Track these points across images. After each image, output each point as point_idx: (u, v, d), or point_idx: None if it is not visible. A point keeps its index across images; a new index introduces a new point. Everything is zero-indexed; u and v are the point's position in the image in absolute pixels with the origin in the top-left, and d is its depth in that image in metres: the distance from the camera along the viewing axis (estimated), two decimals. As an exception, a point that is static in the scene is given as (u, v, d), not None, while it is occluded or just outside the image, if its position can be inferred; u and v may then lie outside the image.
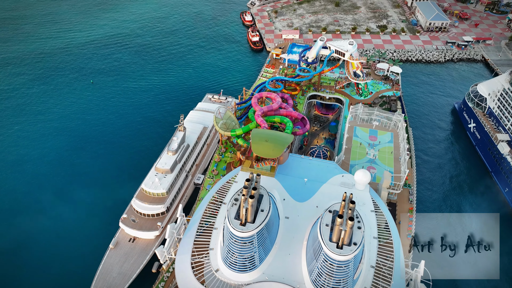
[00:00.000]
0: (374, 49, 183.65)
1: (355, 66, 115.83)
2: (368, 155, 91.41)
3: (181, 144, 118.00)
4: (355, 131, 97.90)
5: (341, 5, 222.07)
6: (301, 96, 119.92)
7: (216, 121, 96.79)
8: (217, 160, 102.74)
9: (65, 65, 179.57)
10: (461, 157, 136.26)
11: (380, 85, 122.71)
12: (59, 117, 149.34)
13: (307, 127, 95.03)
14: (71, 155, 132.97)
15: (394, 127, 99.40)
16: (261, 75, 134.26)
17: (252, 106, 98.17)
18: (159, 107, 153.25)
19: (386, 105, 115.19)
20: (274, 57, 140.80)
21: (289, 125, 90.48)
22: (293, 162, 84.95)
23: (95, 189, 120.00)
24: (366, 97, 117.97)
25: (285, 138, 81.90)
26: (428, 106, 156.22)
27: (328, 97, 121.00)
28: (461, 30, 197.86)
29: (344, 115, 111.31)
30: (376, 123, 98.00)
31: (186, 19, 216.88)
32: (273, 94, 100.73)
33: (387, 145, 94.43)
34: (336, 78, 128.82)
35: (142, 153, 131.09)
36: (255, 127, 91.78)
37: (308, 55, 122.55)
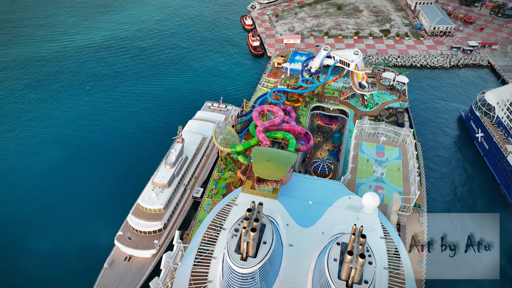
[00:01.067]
0: (377, 54, 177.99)
1: (361, 77, 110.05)
2: (375, 173, 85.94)
3: (179, 157, 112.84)
4: (361, 146, 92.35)
5: (343, 8, 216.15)
6: (304, 108, 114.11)
7: (215, 136, 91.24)
8: (216, 178, 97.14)
9: (61, 70, 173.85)
10: (468, 167, 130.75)
11: (386, 96, 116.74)
12: (54, 125, 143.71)
13: (311, 143, 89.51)
14: (65, 166, 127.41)
15: (402, 142, 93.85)
16: (262, 84, 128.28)
17: (253, 120, 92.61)
18: (157, 116, 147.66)
19: (392, 117, 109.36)
20: (275, 65, 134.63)
21: (292, 142, 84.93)
22: (297, 182, 79.46)
23: (89, 203, 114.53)
24: (371, 109, 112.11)
25: (288, 157, 76.33)
26: (433, 113, 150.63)
27: (332, 109, 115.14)
28: (466, 35, 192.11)
29: (349, 128, 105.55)
30: (383, 138, 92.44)
31: (185, 22, 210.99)
32: (275, 107, 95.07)
33: (395, 161, 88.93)
34: (340, 88, 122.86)
35: (139, 165, 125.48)
36: (256, 143, 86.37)
37: (311, 65, 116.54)
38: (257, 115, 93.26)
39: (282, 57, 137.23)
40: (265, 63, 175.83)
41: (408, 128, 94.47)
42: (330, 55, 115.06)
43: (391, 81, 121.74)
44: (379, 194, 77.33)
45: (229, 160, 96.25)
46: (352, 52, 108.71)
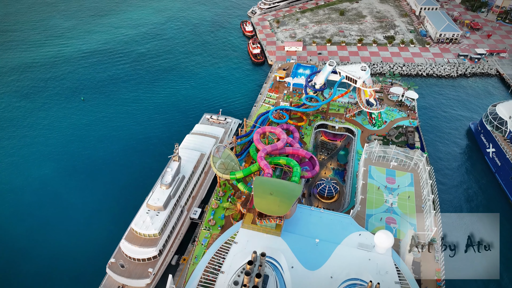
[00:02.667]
0: (381, 62, 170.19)
1: (368, 94, 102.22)
2: (386, 202, 78.45)
3: (176, 176, 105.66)
4: (370, 171, 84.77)
5: (346, 14, 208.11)
6: (307, 127, 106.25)
7: (213, 160, 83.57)
8: (214, 207, 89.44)
9: (55, 78, 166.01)
10: (478, 184, 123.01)
11: (394, 113, 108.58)
12: (46, 139, 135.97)
13: (316, 169, 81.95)
14: (56, 184, 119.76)
15: (414, 166, 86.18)
16: (263, 100, 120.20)
17: (255, 143, 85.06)
18: (154, 128, 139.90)
19: (402, 137, 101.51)
20: (277, 79, 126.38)
21: (297, 170, 77.23)
22: (302, 216, 71.92)
23: (80, 226, 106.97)
24: (379, 128, 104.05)
25: (293, 190, 68.71)
26: (441, 124, 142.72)
27: (338, 127, 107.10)
28: (473, 42, 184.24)
29: (356, 150, 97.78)
30: (394, 163, 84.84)
31: (184, 28, 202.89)
32: (277, 129, 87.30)
33: (407, 189, 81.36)
34: (345, 104, 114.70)
35: (134, 183, 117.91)
36: (257, 170, 78.88)
37: (315, 81, 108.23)
38: (259, 137, 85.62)
39: (284, 70, 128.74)
40: (266, 71, 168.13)
41: (420, 152, 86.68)
42: (335, 70, 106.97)
43: (399, 97, 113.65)
44: (391, 229, 70.01)
45: (228, 186, 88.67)
46: (359, 68, 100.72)
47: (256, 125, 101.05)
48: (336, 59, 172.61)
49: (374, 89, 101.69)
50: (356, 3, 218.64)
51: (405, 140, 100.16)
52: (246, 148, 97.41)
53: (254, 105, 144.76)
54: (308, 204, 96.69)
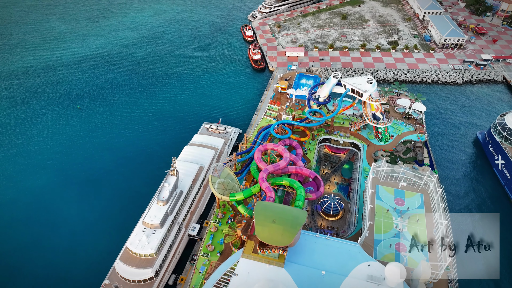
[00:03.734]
0: (385, 68, 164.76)
1: (375, 108, 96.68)
2: (395, 227, 73.13)
3: (173, 192, 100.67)
4: (377, 191, 79.39)
5: (348, 18, 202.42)
6: (311, 141, 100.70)
7: (212, 180, 78.12)
8: (213, 230, 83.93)
9: (51, 84, 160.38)
10: (486, 197, 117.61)
11: (401, 126, 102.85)
12: (40, 150, 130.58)
13: (321, 190, 76.56)
14: (49, 198, 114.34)
15: (424, 186, 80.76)
16: (264, 113, 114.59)
17: (256, 162, 79.72)
18: (151, 139, 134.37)
19: (410, 153, 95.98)
20: (279, 90, 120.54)
21: (301, 193, 71.77)
22: (306, 243, 66.54)
23: (73, 243, 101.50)
24: (386, 142, 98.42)
25: (297, 217, 63.26)
26: (446, 133, 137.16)
27: (343, 142, 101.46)
28: (478, 47, 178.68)
29: (363, 167, 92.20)
30: (403, 183, 79.39)
31: (183, 33, 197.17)
32: (279, 147, 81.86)
33: (418, 211, 75.93)
34: (350, 116, 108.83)
35: (130, 199, 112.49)
36: (258, 191, 73.58)
37: (319, 93, 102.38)
38: (260, 155, 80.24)
39: (286, 80, 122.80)
40: (267, 77, 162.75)
41: (430, 171, 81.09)
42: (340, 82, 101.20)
43: (406, 109, 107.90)
44: (401, 257, 64.77)
45: (228, 207, 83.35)
46: (365, 81, 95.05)
47: (257, 140, 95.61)
48: (338, 65, 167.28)
49: (381, 103, 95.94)
50: (358, 6, 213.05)
51: (413, 156, 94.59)
52: (246, 165, 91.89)
53: (254, 113, 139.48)
54: (311, 222, 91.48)
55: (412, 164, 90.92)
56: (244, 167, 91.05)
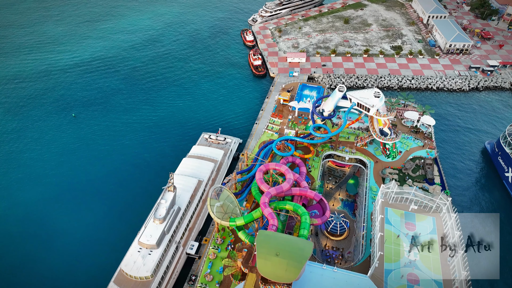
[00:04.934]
0: (389, 75, 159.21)
1: (382, 123, 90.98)
2: (406, 254, 67.71)
3: (171, 209, 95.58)
4: (386, 213, 73.96)
5: (351, 22, 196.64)
6: (315, 158, 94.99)
7: (210, 203, 72.63)
8: (212, 258, 78.34)
9: (45, 92, 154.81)
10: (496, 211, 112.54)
11: (409, 141, 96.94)
12: (33, 160, 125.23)
13: (327, 214, 71.02)
14: (41, 213, 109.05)
15: (436, 209, 75.26)
16: (266, 127, 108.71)
17: (257, 183, 74.26)
18: (148, 150, 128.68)
19: (420, 170, 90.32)
20: (281, 102, 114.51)
21: (305, 220, 66.09)
22: (312, 276, 61.06)
23: (64, 263, 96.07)
24: (394, 159, 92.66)
25: (302, 250, 57.67)
26: (453, 142, 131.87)
27: (348, 158, 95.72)
28: (484, 52, 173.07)
29: (370, 186, 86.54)
30: (413, 206, 73.87)
31: (182, 37, 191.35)
32: (282, 166, 76.30)
33: (430, 236, 70.51)
34: (355, 130, 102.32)
35: (125, 215, 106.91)
36: (260, 216, 68.20)
37: (323, 107, 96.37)
38: (262, 176, 74.74)
39: (288, 92, 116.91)
40: (268, 84, 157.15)
41: (443, 194, 75.40)
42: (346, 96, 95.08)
43: (414, 122, 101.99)
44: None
45: (228, 231, 77.84)
46: (373, 94, 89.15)
47: (258, 158, 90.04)
48: (341, 71, 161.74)
49: (389, 118, 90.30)
50: (361, 10, 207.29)
51: (423, 174, 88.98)
52: (247, 185, 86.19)
53: (255, 122, 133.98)
54: (315, 242, 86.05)
55: (422, 183, 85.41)
56: (244, 187, 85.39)
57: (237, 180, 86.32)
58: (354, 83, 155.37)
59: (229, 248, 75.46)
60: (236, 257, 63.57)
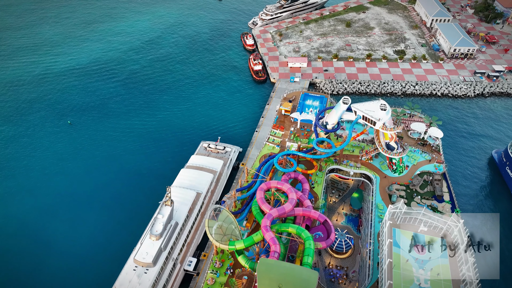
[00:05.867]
0: (393, 80, 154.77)
1: (389, 137, 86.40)
2: (416, 281, 63.33)
3: (168, 224, 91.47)
4: (394, 235, 69.57)
5: (353, 25, 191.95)
6: (318, 173, 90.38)
7: (208, 225, 68.24)
8: (210, 283, 73.93)
9: (41, 98, 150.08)
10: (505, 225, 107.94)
11: (416, 154, 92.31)
12: (26, 170, 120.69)
13: (332, 237, 66.61)
14: (34, 224, 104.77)
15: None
16: (267, 139, 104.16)
17: (258, 203, 69.90)
18: (146, 159, 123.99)
19: (428, 186, 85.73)
20: (282, 113, 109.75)
21: (310, 245, 61.60)
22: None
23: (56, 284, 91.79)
24: (400, 174, 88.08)
25: (307, 280, 53.28)
26: (459, 150, 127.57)
27: (353, 173, 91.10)
28: (489, 57, 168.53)
29: (376, 203, 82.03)
30: (423, 228, 69.55)
31: (181, 42, 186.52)
32: (285, 185, 71.84)
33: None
34: (360, 143, 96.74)
35: (120, 229, 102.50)
36: (261, 239, 63.90)
37: (327, 120, 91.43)
38: (263, 195, 70.35)
39: (290, 102, 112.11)
40: (269, 89, 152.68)
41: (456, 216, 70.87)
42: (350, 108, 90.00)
43: (421, 134, 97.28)
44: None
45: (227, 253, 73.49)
46: (379, 107, 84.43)
47: (259, 174, 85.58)
48: (343, 76, 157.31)
49: (396, 132, 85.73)
50: (363, 13, 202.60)
51: (431, 190, 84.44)
52: (247, 203, 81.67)
53: (256, 130, 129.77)
54: (318, 261, 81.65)
55: (430, 200, 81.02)
56: (244, 205, 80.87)
57: (237, 198, 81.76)
58: (356, 89, 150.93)
59: (228, 272, 71.03)
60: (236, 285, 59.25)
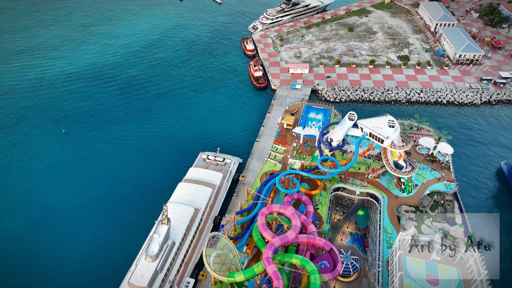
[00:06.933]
0: (397, 87, 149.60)
1: (397, 155, 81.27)
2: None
3: (164, 244, 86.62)
4: (405, 264, 64.69)
5: (355, 29, 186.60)
6: (322, 192, 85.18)
7: (206, 253, 63.24)
8: None
9: (36, 106, 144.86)
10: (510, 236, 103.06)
11: (426, 172, 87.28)
12: (20, 182, 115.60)
13: (338, 268, 61.63)
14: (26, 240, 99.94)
15: (462, 260, 65.66)
16: (268, 155, 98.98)
17: (259, 230, 64.93)
18: (143, 172, 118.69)
19: (439, 207, 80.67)
20: (284, 127, 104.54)
21: (315, 279, 56.61)
22: None
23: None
24: (409, 193, 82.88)
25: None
26: (466, 162, 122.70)
27: (359, 192, 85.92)
28: (495, 63, 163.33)
29: (384, 227, 76.98)
30: (436, 257, 64.61)
31: (179, 46, 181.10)
32: (288, 209, 66.78)
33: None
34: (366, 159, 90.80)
35: (114, 249, 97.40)
36: (262, 271, 59.02)
37: (331, 136, 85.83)
38: (264, 221, 65.28)
39: (292, 115, 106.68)
40: (270, 97, 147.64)
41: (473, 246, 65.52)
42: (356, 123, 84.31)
43: (430, 150, 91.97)
44: None
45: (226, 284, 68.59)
46: (386, 123, 79.10)
47: (260, 195, 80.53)
48: (346, 83, 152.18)
49: (405, 150, 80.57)
50: (365, 17, 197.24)
51: (442, 211, 79.36)
52: (248, 227, 76.64)
53: (256, 140, 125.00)
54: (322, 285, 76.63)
55: (441, 223, 76.05)
56: (245, 229, 75.80)
57: (237, 223, 76.81)
58: (359, 97, 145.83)
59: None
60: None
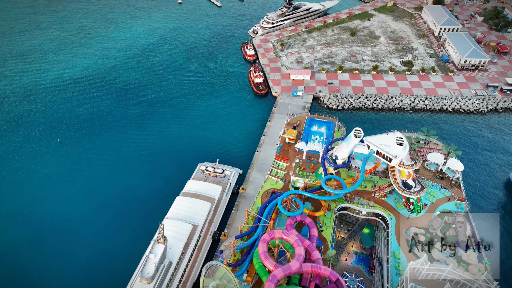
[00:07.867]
0: (401, 94, 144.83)
1: (406, 175, 76.50)
2: None
3: (160, 264, 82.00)
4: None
5: (357, 34, 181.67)
6: (327, 212, 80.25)
7: (204, 284, 58.66)
8: None
9: (30, 113, 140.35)
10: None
11: (436, 191, 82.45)
12: (12, 195, 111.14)
13: (345, 299, 57.24)
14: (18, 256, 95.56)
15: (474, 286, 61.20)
16: (269, 172, 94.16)
17: (260, 259, 60.24)
18: (140, 184, 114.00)
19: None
20: (286, 141, 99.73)
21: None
22: None
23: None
24: (418, 214, 78.07)
25: None
26: (472, 170, 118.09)
27: (365, 212, 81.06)
28: (501, 69, 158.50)
29: (393, 251, 72.05)
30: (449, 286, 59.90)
31: (178, 51, 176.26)
32: (291, 235, 62.11)
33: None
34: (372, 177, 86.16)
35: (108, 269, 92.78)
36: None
37: (336, 153, 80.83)
38: (266, 248, 60.54)
39: (294, 129, 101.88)
40: (271, 104, 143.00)
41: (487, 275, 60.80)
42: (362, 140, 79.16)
43: (439, 166, 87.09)
44: None
45: (224, 314, 64.05)
46: (394, 141, 74.48)
47: (261, 218, 75.81)
48: (348, 89, 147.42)
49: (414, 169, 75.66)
50: (367, 21, 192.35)
51: (454, 234, 74.46)
52: (248, 253, 71.80)
53: (256, 150, 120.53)
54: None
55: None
56: (245, 254, 71.12)
57: (236, 248, 72.06)
58: (363, 104, 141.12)
59: None
60: None
